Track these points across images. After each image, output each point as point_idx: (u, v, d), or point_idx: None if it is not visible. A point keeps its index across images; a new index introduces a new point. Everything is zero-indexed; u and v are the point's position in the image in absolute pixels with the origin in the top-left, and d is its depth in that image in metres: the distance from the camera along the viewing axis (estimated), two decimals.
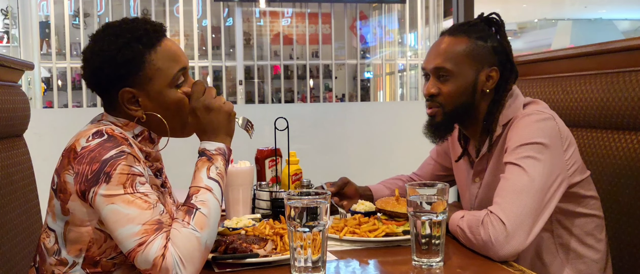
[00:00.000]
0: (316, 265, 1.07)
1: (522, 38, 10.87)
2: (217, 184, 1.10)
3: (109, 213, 1.02)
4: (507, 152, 1.33)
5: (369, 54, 8.93)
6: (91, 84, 1.17)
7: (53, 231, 1.12)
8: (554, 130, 1.33)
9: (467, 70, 1.40)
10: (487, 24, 1.45)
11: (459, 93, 1.41)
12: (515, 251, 1.20)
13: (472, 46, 1.40)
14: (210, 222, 1.06)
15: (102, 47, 1.12)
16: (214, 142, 1.14)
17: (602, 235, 1.44)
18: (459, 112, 1.43)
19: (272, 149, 1.79)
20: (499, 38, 1.44)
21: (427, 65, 1.45)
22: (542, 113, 1.35)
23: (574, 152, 1.38)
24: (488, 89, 1.41)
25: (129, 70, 1.11)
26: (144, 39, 1.12)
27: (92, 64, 1.14)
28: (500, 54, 1.42)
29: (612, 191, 1.56)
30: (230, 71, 8.13)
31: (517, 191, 1.25)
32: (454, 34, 1.43)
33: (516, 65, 1.44)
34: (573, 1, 9.98)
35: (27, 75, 6.57)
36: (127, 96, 1.13)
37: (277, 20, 8.47)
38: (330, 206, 1.15)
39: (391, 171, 1.88)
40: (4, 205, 1.51)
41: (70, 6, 7.39)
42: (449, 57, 1.40)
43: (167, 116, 1.16)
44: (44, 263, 1.14)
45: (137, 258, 1.00)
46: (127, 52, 1.10)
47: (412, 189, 1.18)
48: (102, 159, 1.04)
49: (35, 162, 1.80)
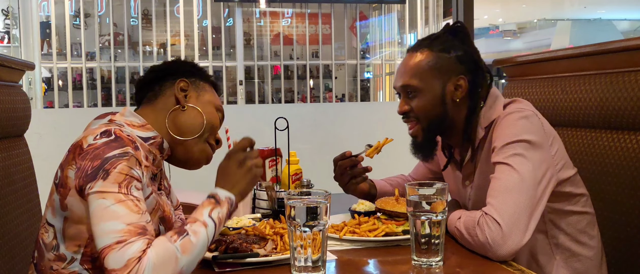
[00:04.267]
0: (316, 265, 1.08)
1: (522, 38, 10.88)
2: (214, 226, 1.11)
3: (96, 207, 1.02)
4: (495, 152, 1.34)
5: (368, 54, 8.94)
6: (156, 71, 1.29)
7: (52, 226, 1.12)
8: (538, 126, 1.34)
9: (434, 83, 1.42)
10: (452, 34, 1.47)
11: (430, 106, 1.43)
12: (513, 250, 1.21)
13: (435, 59, 1.42)
14: (194, 251, 1.05)
15: None
16: (227, 191, 1.17)
17: (594, 231, 1.45)
18: (436, 125, 1.45)
19: (272, 149, 1.79)
20: (465, 46, 1.45)
21: (395, 85, 1.49)
22: (523, 110, 1.36)
23: (560, 148, 1.39)
24: (458, 98, 1.43)
25: (199, 72, 1.31)
26: (213, 81, 1.35)
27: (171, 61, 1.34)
28: (466, 62, 1.43)
29: (612, 191, 1.57)
30: (231, 71, 8.13)
31: (509, 189, 1.25)
32: (417, 50, 1.45)
33: (516, 65, 1.45)
34: (572, 1, 9.99)
35: (28, 75, 6.57)
36: (183, 84, 1.26)
37: (277, 20, 8.47)
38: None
39: (391, 171, 1.88)
40: (4, 205, 1.52)
41: (70, 6, 7.39)
42: (414, 74, 1.43)
43: (197, 121, 1.24)
44: (42, 258, 1.14)
45: (111, 255, 0.98)
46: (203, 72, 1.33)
47: (412, 189, 1.18)
48: (105, 157, 1.05)
49: (36, 162, 1.80)
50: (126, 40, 7.70)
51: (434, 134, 1.48)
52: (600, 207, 1.59)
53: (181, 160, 1.27)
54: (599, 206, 1.60)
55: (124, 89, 7.76)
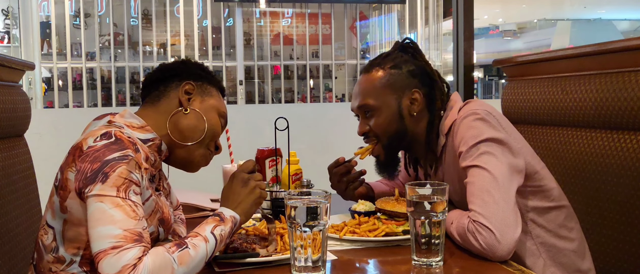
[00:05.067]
0: (316, 265, 1.08)
1: (522, 38, 10.90)
2: (215, 242, 1.11)
3: (94, 210, 1.02)
4: (461, 157, 1.36)
5: (368, 54, 8.94)
6: (163, 70, 1.28)
7: (51, 228, 1.12)
8: (494, 123, 1.36)
9: (389, 100, 1.45)
10: (402, 50, 1.51)
11: (387, 123, 1.46)
12: (510, 248, 1.21)
13: (387, 76, 1.46)
14: (191, 264, 1.05)
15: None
16: (231, 210, 1.18)
17: (572, 223, 1.47)
18: (397, 141, 1.48)
19: (272, 149, 1.79)
20: (416, 61, 1.49)
21: (353, 107, 1.52)
22: (477, 110, 1.38)
23: (522, 141, 1.42)
24: (415, 112, 1.46)
25: (208, 75, 1.30)
26: (221, 85, 1.35)
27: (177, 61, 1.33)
28: (419, 76, 1.47)
29: (612, 191, 1.57)
30: (231, 71, 8.13)
31: (485, 190, 1.27)
32: (369, 70, 1.49)
33: (515, 65, 1.46)
34: (572, 1, 10.00)
35: (28, 75, 6.57)
36: (188, 87, 1.25)
37: (277, 20, 8.48)
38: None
39: None
40: (4, 205, 1.52)
41: (70, 6, 7.40)
42: (368, 93, 1.46)
43: (198, 127, 1.24)
44: (41, 260, 1.14)
45: (105, 260, 0.97)
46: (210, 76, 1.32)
47: (412, 189, 1.19)
48: (105, 159, 1.04)
49: (36, 162, 1.80)
50: (126, 40, 7.71)
51: (396, 151, 1.52)
52: (600, 207, 1.60)
53: (180, 162, 1.27)
54: (599, 206, 1.60)
55: (124, 89, 7.76)
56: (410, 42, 1.53)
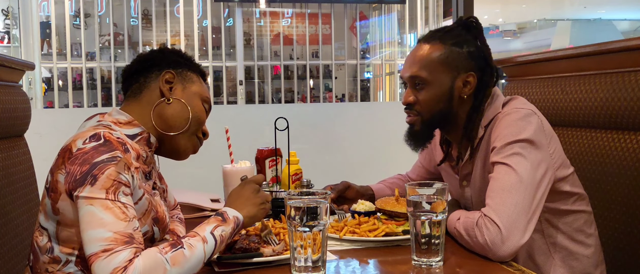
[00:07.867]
0: (316, 265, 1.08)
1: (522, 38, 10.89)
2: (214, 243, 1.10)
3: (84, 214, 1.02)
4: (493, 152, 1.33)
5: (368, 54, 8.94)
6: (141, 61, 1.27)
7: (45, 229, 1.12)
8: (537, 125, 1.33)
9: (443, 77, 1.39)
10: (465, 28, 1.44)
11: (436, 101, 1.40)
12: (512, 251, 1.20)
13: (447, 53, 1.39)
14: (185, 265, 1.04)
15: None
16: (236, 211, 1.18)
17: (591, 230, 1.44)
18: (438, 120, 1.43)
19: (272, 149, 1.79)
20: (477, 42, 1.43)
21: (403, 74, 1.45)
22: (522, 109, 1.35)
23: (557, 147, 1.38)
24: (466, 95, 1.40)
25: (187, 61, 1.29)
26: (200, 70, 1.33)
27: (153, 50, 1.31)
28: (477, 59, 1.40)
29: (612, 191, 1.57)
30: (231, 71, 8.13)
31: (507, 189, 1.25)
32: (429, 41, 1.41)
33: (515, 65, 1.45)
34: (572, 1, 9.99)
35: (28, 75, 6.57)
36: (168, 76, 1.24)
37: (277, 20, 8.48)
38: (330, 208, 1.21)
39: (391, 171, 1.88)
40: (4, 205, 1.52)
41: (70, 6, 7.39)
42: (424, 65, 1.39)
43: (183, 115, 1.23)
44: (37, 261, 1.14)
45: (97, 263, 0.98)
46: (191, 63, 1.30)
47: (412, 189, 1.18)
48: (93, 161, 1.04)
49: (35, 163, 1.80)
50: (126, 40, 7.71)
51: (433, 128, 1.46)
52: (600, 207, 1.60)
53: (168, 152, 1.27)
54: (599, 206, 1.60)
55: None
56: (475, 21, 1.44)
